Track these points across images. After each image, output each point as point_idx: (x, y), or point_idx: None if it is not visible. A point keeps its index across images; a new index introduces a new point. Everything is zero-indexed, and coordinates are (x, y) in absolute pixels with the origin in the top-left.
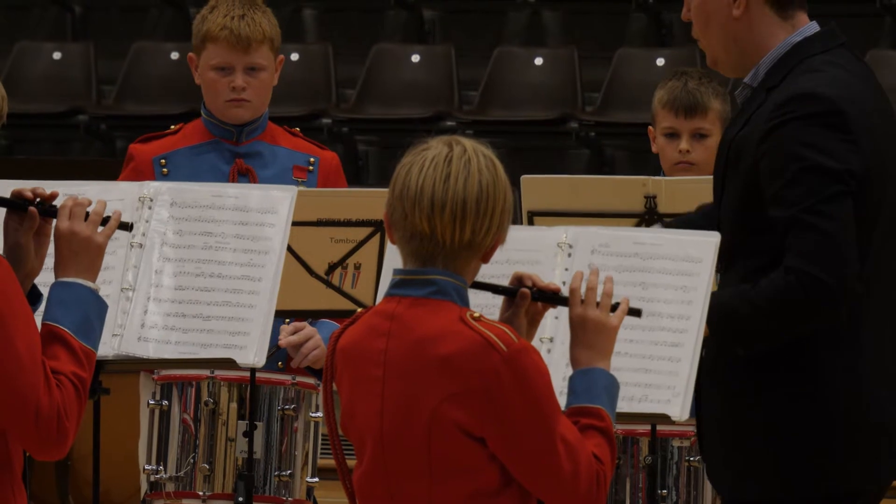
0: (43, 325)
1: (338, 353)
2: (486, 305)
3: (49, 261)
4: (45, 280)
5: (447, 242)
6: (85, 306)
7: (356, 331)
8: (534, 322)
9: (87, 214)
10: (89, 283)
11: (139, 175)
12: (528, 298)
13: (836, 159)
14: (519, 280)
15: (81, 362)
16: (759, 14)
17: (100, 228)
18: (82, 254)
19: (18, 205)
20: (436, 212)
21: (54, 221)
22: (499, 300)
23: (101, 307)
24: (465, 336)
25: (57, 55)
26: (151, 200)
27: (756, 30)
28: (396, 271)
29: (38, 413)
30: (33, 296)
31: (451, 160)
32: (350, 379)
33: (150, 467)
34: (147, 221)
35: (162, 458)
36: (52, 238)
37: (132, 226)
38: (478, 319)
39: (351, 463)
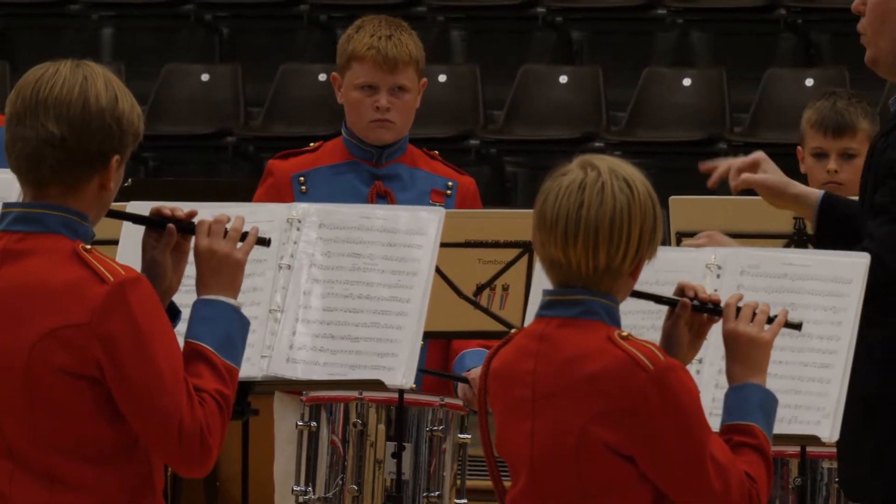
0: (186, 342)
1: (490, 376)
2: (634, 326)
3: (188, 281)
4: (184, 301)
5: (583, 271)
6: (227, 323)
7: (507, 352)
8: (699, 334)
9: (226, 231)
10: (231, 300)
11: (277, 191)
12: (689, 308)
13: None
14: (682, 290)
15: (224, 379)
16: None
17: (239, 244)
18: (223, 271)
19: (156, 222)
20: (569, 243)
21: (193, 239)
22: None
23: (244, 324)
24: (612, 355)
25: (205, 77)
26: (300, 222)
27: None
28: (546, 292)
29: (182, 430)
30: (172, 312)
31: (584, 187)
32: (502, 401)
33: (298, 488)
34: (295, 243)
35: (311, 479)
36: (190, 256)
37: (269, 241)
38: (626, 338)
39: (507, 484)
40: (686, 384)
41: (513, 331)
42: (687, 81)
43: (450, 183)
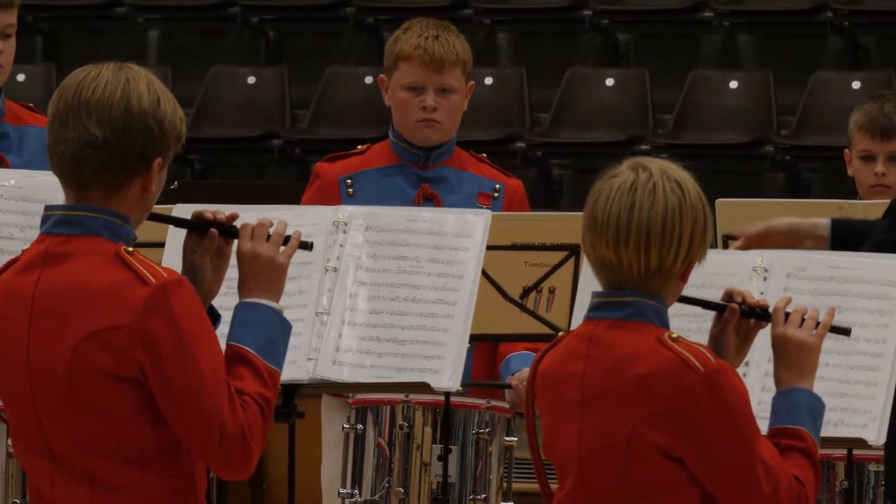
0: (227, 345)
1: (538, 378)
2: (680, 329)
3: (231, 283)
4: (226, 304)
5: (635, 271)
6: (269, 326)
7: (555, 355)
8: (746, 339)
9: (269, 235)
10: (273, 304)
11: (324, 194)
12: (737, 314)
13: None
14: (729, 296)
15: (266, 382)
16: None
17: (281, 248)
18: (265, 274)
19: (199, 226)
20: (621, 243)
21: (235, 243)
22: (706, 323)
23: (286, 327)
24: (662, 356)
25: (251, 80)
26: (346, 224)
27: None
28: (595, 294)
29: (223, 433)
30: (211, 316)
31: (636, 188)
32: (550, 403)
33: (344, 490)
34: (342, 245)
35: (357, 481)
36: (232, 260)
37: (312, 245)
38: (676, 340)
39: (554, 487)
40: (736, 386)
41: (560, 334)
42: (733, 84)
43: (497, 185)
